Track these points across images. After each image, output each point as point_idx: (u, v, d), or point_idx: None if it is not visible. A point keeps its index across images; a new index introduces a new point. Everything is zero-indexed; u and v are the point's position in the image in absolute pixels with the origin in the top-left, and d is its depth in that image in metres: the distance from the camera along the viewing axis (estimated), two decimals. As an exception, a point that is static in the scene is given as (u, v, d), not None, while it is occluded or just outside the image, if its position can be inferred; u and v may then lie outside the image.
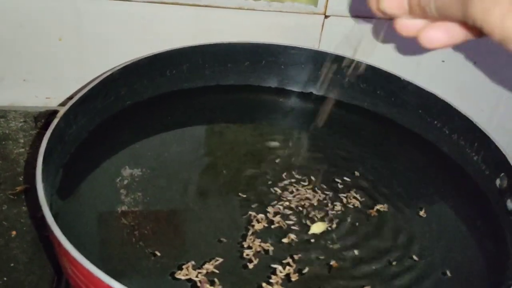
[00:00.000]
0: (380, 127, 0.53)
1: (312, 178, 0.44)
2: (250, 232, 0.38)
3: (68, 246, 0.29)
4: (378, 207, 0.42)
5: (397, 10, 0.26)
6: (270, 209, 0.40)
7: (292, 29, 0.58)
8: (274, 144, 0.49)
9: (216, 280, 0.34)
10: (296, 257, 0.36)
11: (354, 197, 0.42)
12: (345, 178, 0.45)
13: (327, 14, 0.58)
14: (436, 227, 0.41)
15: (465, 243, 0.40)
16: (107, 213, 0.39)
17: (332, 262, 0.36)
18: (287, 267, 0.35)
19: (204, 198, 0.41)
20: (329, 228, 0.39)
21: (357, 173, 0.45)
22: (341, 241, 0.38)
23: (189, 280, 0.34)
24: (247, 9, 0.56)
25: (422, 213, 0.42)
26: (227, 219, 0.39)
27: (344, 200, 0.42)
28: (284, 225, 0.39)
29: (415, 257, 0.38)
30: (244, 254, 0.36)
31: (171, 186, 0.42)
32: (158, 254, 0.35)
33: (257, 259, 0.36)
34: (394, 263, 0.37)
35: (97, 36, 0.54)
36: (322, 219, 0.40)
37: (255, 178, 0.43)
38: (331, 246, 0.38)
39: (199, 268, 0.34)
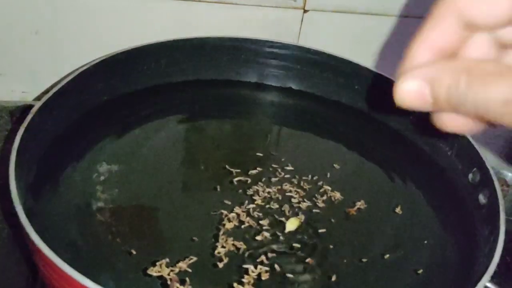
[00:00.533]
0: (358, 122, 0.53)
1: (290, 174, 0.44)
2: (221, 232, 0.37)
3: (40, 244, 0.29)
4: (357, 205, 0.42)
5: (419, 104, 0.23)
6: (245, 206, 0.40)
7: (271, 23, 0.58)
8: (253, 139, 0.49)
9: (187, 279, 0.34)
10: (270, 255, 0.36)
11: (332, 194, 0.43)
12: (323, 174, 0.45)
13: (306, 8, 0.58)
14: (410, 223, 0.41)
15: (439, 238, 0.41)
16: (83, 209, 0.38)
17: (308, 259, 0.37)
18: (259, 266, 0.35)
19: (181, 195, 0.41)
20: (304, 224, 0.39)
21: (336, 166, 0.46)
22: (316, 238, 0.39)
23: (161, 277, 0.34)
24: (227, 3, 0.56)
25: (398, 209, 0.42)
26: (203, 216, 0.39)
27: (321, 196, 0.42)
28: (255, 223, 0.39)
29: (388, 253, 0.38)
30: (216, 252, 0.36)
31: (148, 183, 0.42)
32: (134, 252, 0.35)
33: (228, 258, 0.35)
34: (364, 260, 0.37)
35: (74, 30, 0.54)
36: (296, 215, 0.40)
37: (234, 175, 0.43)
38: (306, 242, 0.38)
39: (172, 266, 0.34)
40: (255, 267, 0.35)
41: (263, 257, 0.36)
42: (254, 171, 0.44)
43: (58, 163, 0.41)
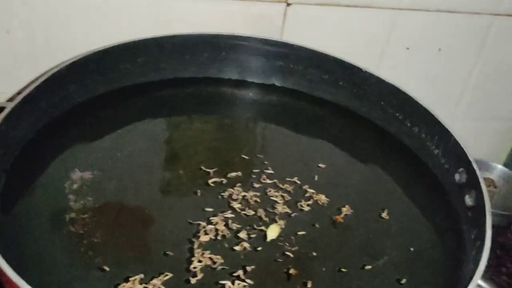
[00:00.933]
0: (342, 119, 0.52)
1: (274, 176, 0.43)
2: (196, 245, 0.36)
3: (3, 265, 0.28)
4: (344, 211, 0.40)
5: None
6: (224, 214, 0.38)
7: (254, 18, 0.57)
8: (235, 138, 0.47)
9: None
10: (248, 268, 0.35)
11: (317, 197, 0.41)
12: (307, 175, 0.43)
13: (289, 2, 0.56)
14: (396, 225, 0.40)
15: (426, 242, 0.39)
16: (54, 220, 0.37)
17: (291, 271, 0.35)
18: (237, 282, 0.33)
19: (159, 202, 0.40)
20: (285, 231, 0.38)
21: (321, 166, 0.44)
22: (298, 245, 0.37)
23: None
24: (206, -3, 0.54)
25: (384, 214, 0.41)
26: (181, 225, 0.37)
27: (306, 200, 0.41)
28: (233, 234, 0.37)
29: (371, 262, 0.37)
30: (191, 267, 0.34)
31: (123, 190, 0.40)
32: (107, 268, 0.34)
33: (203, 274, 0.34)
34: (344, 269, 0.36)
35: (48, 29, 0.51)
36: (280, 220, 0.39)
37: (214, 178, 0.42)
38: (288, 249, 0.37)
39: (146, 283, 0.33)
40: (232, 283, 0.33)
41: (240, 272, 0.34)
42: (235, 173, 0.42)
43: (28, 171, 0.39)
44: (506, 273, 0.67)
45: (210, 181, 0.41)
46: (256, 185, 0.42)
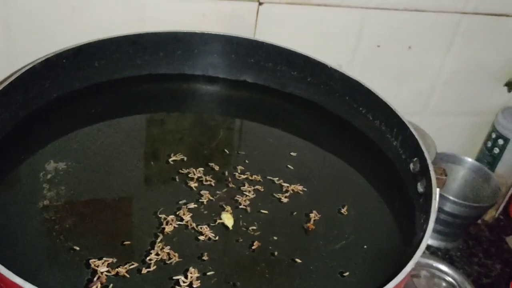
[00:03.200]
0: (311, 114, 0.54)
1: (245, 170, 0.45)
2: (159, 239, 0.37)
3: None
4: (312, 217, 0.41)
5: None
6: (189, 206, 0.40)
7: (227, 16, 0.59)
8: (208, 134, 0.49)
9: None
10: (205, 257, 0.37)
11: (285, 190, 0.43)
12: (275, 169, 0.45)
13: (261, 1, 0.58)
14: (356, 213, 0.42)
15: (385, 228, 0.42)
16: (28, 208, 0.39)
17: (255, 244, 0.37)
18: (190, 275, 0.35)
19: (129, 192, 0.42)
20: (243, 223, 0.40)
21: (292, 155, 0.46)
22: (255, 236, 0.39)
23: (94, 272, 0.34)
24: (180, -3, 0.56)
25: (344, 210, 0.43)
26: (146, 215, 0.39)
27: (277, 192, 0.43)
28: (193, 224, 0.39)
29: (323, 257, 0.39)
30: (147, 259, 0.36)
31: (95, 179, 0.42)
32: (77, 248, 0.36)
33: (156, 267, 0.35)
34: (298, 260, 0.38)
35: (26, 26, 0.53)
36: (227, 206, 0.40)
37: (182, 171, 0.44)
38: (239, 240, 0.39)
39: (112, 268, 0.34)
40: (186, 277, 0.35)
41: (198, 262, 0.36)
42: (209, 166, 0.44)
43: (4, 162, 0.42)
44: (478, 263, 0.69)
45: (183, 174, 0.43)
46: (229, 178, 0.43)
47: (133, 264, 0.35)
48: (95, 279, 0.34)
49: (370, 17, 0.62)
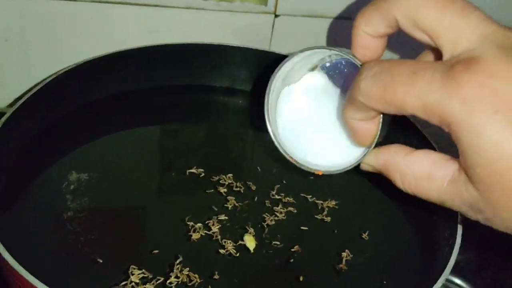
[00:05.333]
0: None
1: (263, 185, 0.44)
2: (177, 261, 0.36)
3: (6, 256, 0.30)
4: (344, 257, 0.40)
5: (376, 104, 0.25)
6: (210, 222, 0.40)
7: (242, 28, 0.59)
8: (227, 145, 0.49)
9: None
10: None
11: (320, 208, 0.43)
12: (294, 179, 0.45)
13: (277, 13, 0.59)
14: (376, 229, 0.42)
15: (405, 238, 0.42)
16: (52, 219, 0.39)
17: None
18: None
19: (151, 202, 0.42)
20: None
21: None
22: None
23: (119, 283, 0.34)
24: (196, 8, 0.56)
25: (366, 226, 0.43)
26: (169, 226, 0.39)
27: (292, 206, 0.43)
28: (219, 245, 0.38)
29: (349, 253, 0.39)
30: (167, 282, 0.35)
31: (118, 190, 0.42)
32: (100, 261, 0.36)
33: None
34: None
35: (43, 37, 0.53)
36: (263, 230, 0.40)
37: (204, 183, 0.43)
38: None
39: (144, 284, 0.34)
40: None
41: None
42: (226, 178, 0.44)
43: (27, 173, 0.41)
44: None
45: (201, 185, 0.43)
46: (247, 191, 0.43)
47: (158, 280, 0.35)
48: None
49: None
